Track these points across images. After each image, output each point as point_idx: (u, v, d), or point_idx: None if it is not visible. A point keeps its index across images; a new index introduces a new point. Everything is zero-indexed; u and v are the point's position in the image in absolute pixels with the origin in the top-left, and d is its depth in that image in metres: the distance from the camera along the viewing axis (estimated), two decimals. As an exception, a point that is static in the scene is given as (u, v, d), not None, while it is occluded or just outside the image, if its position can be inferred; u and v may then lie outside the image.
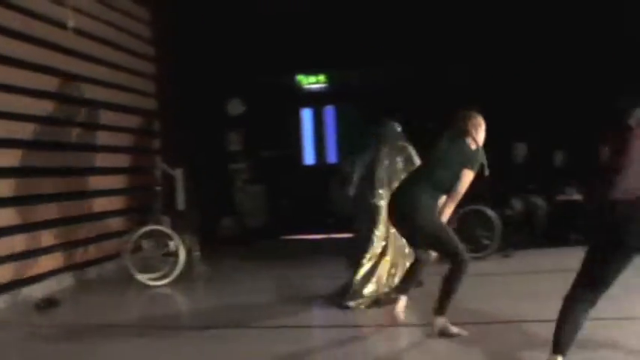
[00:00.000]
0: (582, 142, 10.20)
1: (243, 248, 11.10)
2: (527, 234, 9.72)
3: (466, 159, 5.47)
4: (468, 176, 5.44)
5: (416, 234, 5.55)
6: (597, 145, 7.27)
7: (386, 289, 6.63)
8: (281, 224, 12.47)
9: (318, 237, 12.15)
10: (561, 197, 9.86)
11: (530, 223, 9.70)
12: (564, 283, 6.96)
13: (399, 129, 7.16)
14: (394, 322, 5.73)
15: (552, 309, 5.82)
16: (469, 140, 5.55)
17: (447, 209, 5.53)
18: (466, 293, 5.67)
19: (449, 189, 5.47)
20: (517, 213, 9.59)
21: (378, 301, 6.57)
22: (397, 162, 6.90)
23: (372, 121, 7.79)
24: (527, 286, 7.20)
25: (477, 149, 5.56)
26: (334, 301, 6.73)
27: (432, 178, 5.50)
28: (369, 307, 6.55)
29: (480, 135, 5.63)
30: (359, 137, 8.77)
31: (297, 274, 8.66)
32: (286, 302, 7.07)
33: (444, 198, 5.51)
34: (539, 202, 9.72)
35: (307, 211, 12.02)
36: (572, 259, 8.59)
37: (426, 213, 5.41)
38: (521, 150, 10.09)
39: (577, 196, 9.82)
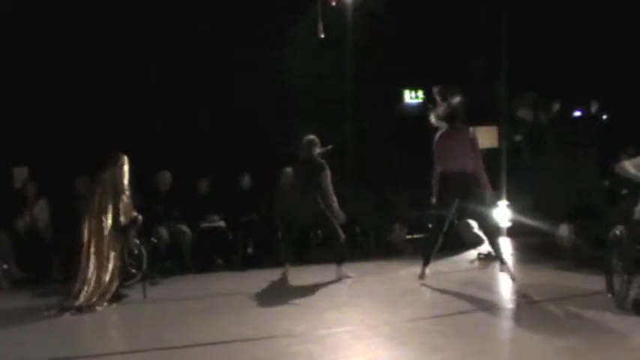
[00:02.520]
0: (225, 171, 10.77)
1: None
2: (175, 261, 9.81)
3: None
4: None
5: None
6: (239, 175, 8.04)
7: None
8: None
9: None
10: (205, 224, 10.18)
11: (176, 250, 9.83)
12: (211, 307, 7.30)
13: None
14: None
15: (198, 334, 6.04)
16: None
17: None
18: (111, 323, 5.49)
19: None
20: (163, 241, 9.64)
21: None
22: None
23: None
24: (175, 312, 7.26)
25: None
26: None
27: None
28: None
29: None
30: None
31: None
32: None
33: None
34: (184, 229, 9.90)
35: None
36: (217, 283, 9.01)
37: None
38: (166, 178, 10.18)
39: (220, 223, 10.24)
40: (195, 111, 11.36)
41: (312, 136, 8.83)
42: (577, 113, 12.74)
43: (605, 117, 12.70)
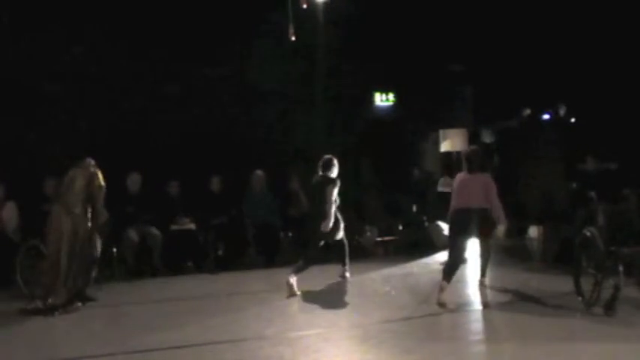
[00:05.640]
0: (195, 173, 10.71)
1: None
2: (144, 264, 9.73)
3: None
4: None
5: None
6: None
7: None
8: None
9: None
10: (175, 227, 10.10)
11: (146, 252, 9.74)
12: (181, 309, 7.26)
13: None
14: None
15: (167, 337, 6.00)
16: None
17: None
18: (79, 326, 5.41)
19: None
20: (133, 243, 9.56)
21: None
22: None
23: None
24: (144, 315, 7.21)
25: None
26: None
27: None
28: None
29: None
30: None
31: None
32: None
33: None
34: (154, 231, 9.81)
35: None
36: (187, 286, 8.96)
37: None
38: (136, 179, 10.08)
39: (191, 225, 10.17)
40: (165, 112, 11.28)
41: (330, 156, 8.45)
42: (545, 116, 12.91)
43: (572, 120, 12.88)
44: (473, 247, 8.16)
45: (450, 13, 12.10)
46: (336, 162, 8.38)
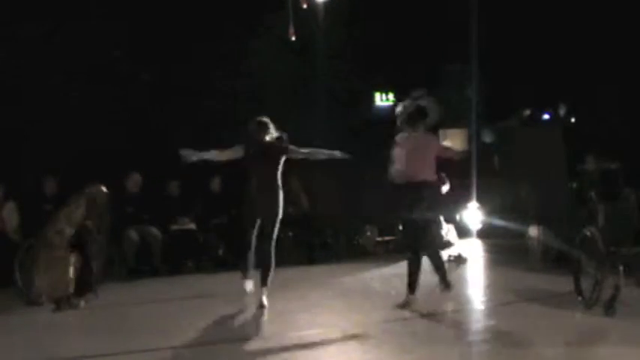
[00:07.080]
0: (195, 173, 10.71)
1: None
2: (144, 264, 9.72)
3: None
4: None
5: None
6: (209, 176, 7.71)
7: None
8: None
9: None
10: (175, 227, 10.10)
11: (146, 252, 9.74)
12: (181, 310, 7.25)
13: None
14: None
15: (166, 337, 5.99)
16: None
17: None
18: (78, 326, 5.49)
19: None
20: (133, 243, 9.56)
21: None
22: None
23: None
24: (143, 315, 7.19)
25: None
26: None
27: None
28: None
29: None
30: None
31: None
32: None
33: None
34: (155, 231, 9.81)
35: None
36: (188, 286, 8.95)
37: None
38: (136, 180, 10.09)
39: (191, 225, 10.18)
40: (164, 112, 11.29)
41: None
42: (545, 116, 12.91)
43: (572, 120, 12.89)
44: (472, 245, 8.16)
45: (449, 13, 12.11)
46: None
